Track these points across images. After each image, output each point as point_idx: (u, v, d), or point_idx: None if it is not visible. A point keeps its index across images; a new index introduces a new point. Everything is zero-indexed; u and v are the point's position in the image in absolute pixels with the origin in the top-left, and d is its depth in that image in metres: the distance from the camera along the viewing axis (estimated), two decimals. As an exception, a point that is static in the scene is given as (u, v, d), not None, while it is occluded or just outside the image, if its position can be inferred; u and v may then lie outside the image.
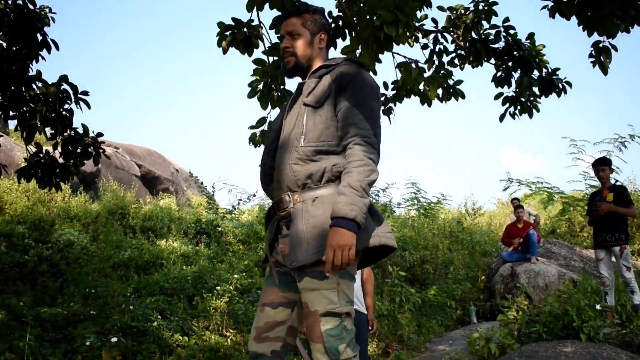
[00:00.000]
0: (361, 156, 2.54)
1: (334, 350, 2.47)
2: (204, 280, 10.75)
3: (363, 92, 2.71)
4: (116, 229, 15.14)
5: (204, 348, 7.61)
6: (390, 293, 9.71)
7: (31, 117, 7.10)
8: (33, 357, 7.23)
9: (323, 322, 2.51)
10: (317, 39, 2.95)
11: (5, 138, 18.04)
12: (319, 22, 2.97)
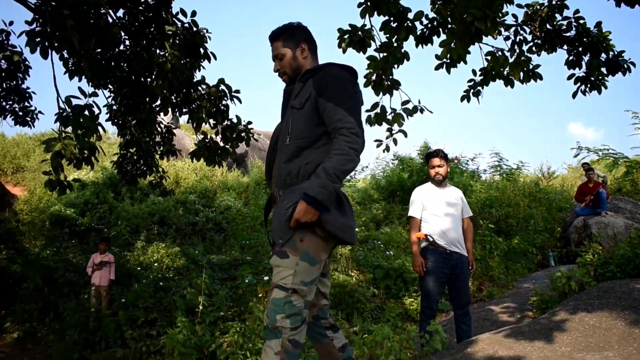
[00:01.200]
0: (343, 146, 2.38)
1: (273, 317, 2.34)
2: (332, 233, 10.95)
3: (342, 91, 2.50)
4: (262, 196, 15.67)
5: (334, 285, 7.81)
6: (481, 242, 9.54)
7: (198, 111, 7.48)
8: (207, 291, 7.68)
9: (274, 292, 2.40)
10: (298, 52, 2.72)
11: (178, 130, 19.00)
12: (296, 37, 2.74)
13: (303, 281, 2.40)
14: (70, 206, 13.22)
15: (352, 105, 2.49)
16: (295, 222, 2.38)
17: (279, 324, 2.33)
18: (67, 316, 8.02)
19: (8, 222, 12.73)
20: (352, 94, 2.54)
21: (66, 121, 5.75)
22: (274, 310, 2.35)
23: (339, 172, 2.36)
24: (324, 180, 2.35)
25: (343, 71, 2.60)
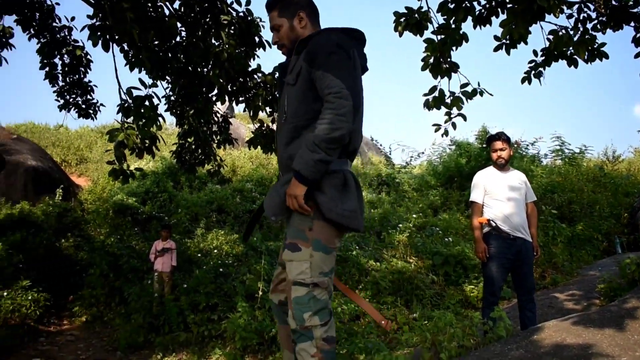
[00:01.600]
0: (326, 114, 2.20)
1: (300, 317, 2.21)
2: (388, 220, 10.93)
3: (329, 57, 2.29)
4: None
5: (393, 271, 7.79)
6: (544, 228, 9.30)
7: (255, 100, 7.55)
8: (267, 277, 7.79)
9: (294, 290, 2.26)
10: (296, 22, 2.54)
11: (233, 119, 19.26)
12: (292, 5, 2.55)
13: (322, 272, 2.29)
14: (132, 195, 13.64)
15: (341, 68, 2.29)
16: (289, 200, 2.26)
17: (308, 324, 2.21)
18: (132, 301, 8.32)
19: (74, 211, 13.27)
20: (342, 58, 2.32)
21: (128, 112, 5.93)
22: (299, 309, 2.23)
23: (319, 140, 2.18)
24: (303, 150, 2.22)
25: (333, 35, 2.39)
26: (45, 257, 10.02)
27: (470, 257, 8.16)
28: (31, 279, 8.78)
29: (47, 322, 8.58)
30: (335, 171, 2.31)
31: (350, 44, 2.42)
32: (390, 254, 8.76)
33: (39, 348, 7.34)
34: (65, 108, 9.06)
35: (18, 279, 8.58)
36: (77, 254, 10.58)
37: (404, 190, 14.49)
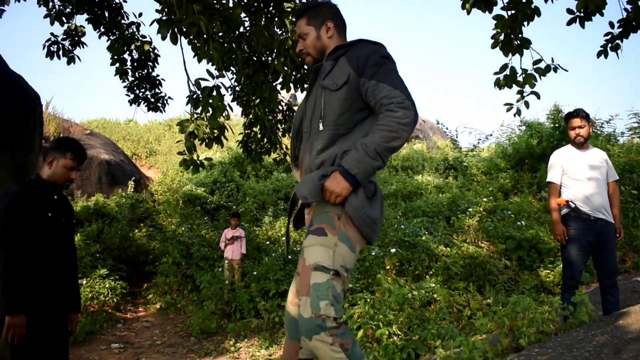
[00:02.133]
0: (389, 121, 2.14)
1: (316, 304, 2.09)
2: (457, 204, 10.74)
3: (382, 67, 2.26)
4: (381, 170, 15.66)
5: (464, 256, 7.66)
6: (623, 209, 8.88)
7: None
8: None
9: (313, 276, 2.14)
10: (323, 31, 2.48)
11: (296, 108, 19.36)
12: (320, 14, 2.50)
13: (344, 266, 2.20)
14: (201, 185, 14.00)
15: (395, 79, 2.25)
16: (328, 195, 2.20)
17: (323, 312, 2.09)
18: (203, 288, 8.55)
19: (145, 202, 13.76)
20: (393, 68, 2.31)
21: (196, 103, 6.05)
22: (317, 297, 2.11)
23: (381, 148, 2.15)
24: (361, 154, 2.16)
25: (374, 46, 2.37)
26: (120, 247, 10.44)
27: (545, 240, 7.91)
28: (108, 267, 9.17)
29: (124, 309, 8.94)
30: (370, 179, 2.29)
31: (391, 56, 2.39)
32: (460, 239, 8.60)
33: (117, 333, 7.67)
34: (135, 102, 9.36)
35: (96, 267, 8.98)
36: (150, 244, 10.96)
37: (472, 174, 14.19)
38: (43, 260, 2.95)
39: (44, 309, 2.94)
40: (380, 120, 2.18)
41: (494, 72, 5.86)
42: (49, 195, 3.07)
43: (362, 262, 8.29)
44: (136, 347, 7.04)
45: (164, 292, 9.34)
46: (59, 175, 3.08)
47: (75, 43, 8.22)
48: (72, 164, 3.10)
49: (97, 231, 10.69)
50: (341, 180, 2.17)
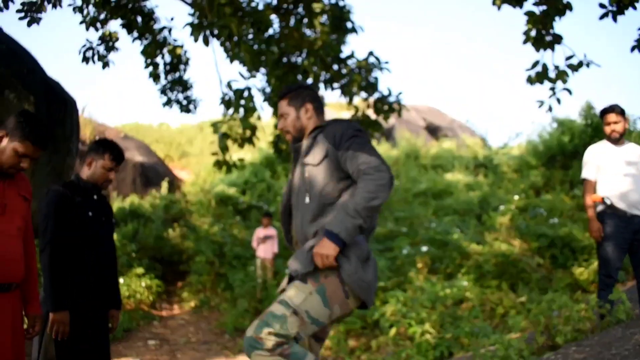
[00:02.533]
0: (368, 184, 2.28)
1: (260, 329, 2.20)
2: (488, 202, 10.64)
3: (357, 139, 2.41)
4: (413, 168, 15.58)
5: (496, 254, 7.57)
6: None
7: (350, 85, 7.56)
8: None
9: (273, 306, 2.29)
10: (302, 112, 2.62)
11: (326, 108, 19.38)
12: (301, 97, 2.64)
13: (308, 312, 2.28)
14: (232, 185, 14.12)
15: (369, 148, 2.41)
16: (317, 259, 2.28)
17: (263, 337, 2.19)
18: (236, 287, 8.62)
19: (179, 203, 13.93)
20: (366, 140, 2.47)
21: (229, 104, 6.12)
22: (265, 322, 2.22)
23: (360, 207, 2.27)
24: (342, 215, 2.29)
25: (350, 123, 2.55)
26: (155, 247, 10.60)
27: (579, 238, 7.77)
28: (144, 266, 9.31)
29: (159, 307, 9.07)
30: (360, 243, 2.42)
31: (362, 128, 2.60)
32: (492, 237, 8.51)
33: (153, 331, 7.79)
34: (168, 104, 9.50)
35: (132, 267, 9.13)
36: (184, 243, 11.09)
37: (502, 172, 14.03)
38: (84, 258, 3.01)
39: (86, 306, 3.00)
40: (359, 183, 2.33)
41: (525, 69, 5.78)
42: (89, 195, 3.13)
43: (394, 261, 8.27)
44: (172, 344, 7.14)
45: (197, 291, 9.45)
46: (98, 176, 3.14)
47: (109, 48, 8.36)
48: (111, 164, 3.15)
49: (133, 231, 10.85)
50: (327, 242, 2.28)
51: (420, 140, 18.64)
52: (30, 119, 2.47)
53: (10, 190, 2.51)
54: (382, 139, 19.29)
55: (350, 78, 7.59)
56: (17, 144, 2.42)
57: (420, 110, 24.27)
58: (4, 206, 2.44)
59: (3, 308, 2.43)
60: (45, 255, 2.87)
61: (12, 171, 2.47)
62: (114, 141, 3.30)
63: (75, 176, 3.20)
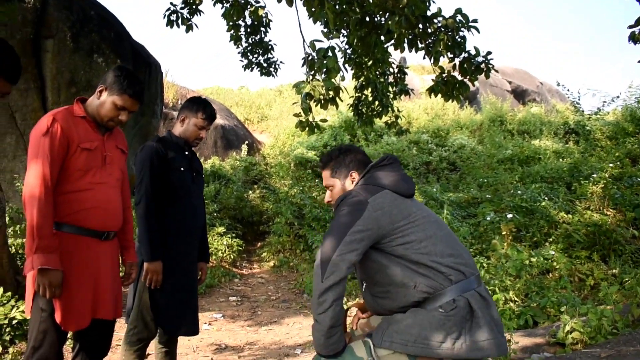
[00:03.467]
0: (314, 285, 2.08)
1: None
2: (579, 170, 10.19)
3: (335, 218, 2.14)
4: (498, 133, 15.15)
5: (587, 223, 7.28)
6: None
7: (435, 45, 7.35)
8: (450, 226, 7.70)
9: (356, 342, 2.14)
10: (348, 182, 2.38)
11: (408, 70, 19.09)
12: (344, 164, 2.39)
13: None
14: (311, 149, 14.24)
15: (335, 235, 2.08)
16: None
17: None
18: (315, 248, 8.75)
19: (259, 165, 14.22)
20: (347, 214, 2.11)
21: (312, 64, 6.11)
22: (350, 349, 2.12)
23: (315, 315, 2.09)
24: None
25: (357, 192, 2.19)
26: (235, 207, 10.91)
27: (680, 210, 7.34)
28: (225, 226, 9.62)
29: (240, 266, 9.37)
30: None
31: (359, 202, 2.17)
32: (583, 206, 8.17)
33: (234, 288, 8.07)
34: (248, 67, 9.62)
35: (214, 226, 9.45)
36: (264, 205, 11.35)
37: (595, 139, 13.36)
38: (177, 210, 3.14)
39: (178, 257, 3.14)
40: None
41: (628, 25, 5.43)
42: (181, 150, 3.24)
43: (477, 227, 8.12)
44: (252, 301, 7.38)
45: (277, 251, 9.67)
46: (190, 133, 3.24)
47: (192, 11, 8.54)
48: (203, 123, 3.25)
49: (215, 192, 11.21)
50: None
51: (506, 105, 18.03)
52: (127, 73, 2.57)
53: (109, 143, 2.64)
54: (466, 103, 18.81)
55: (436, 37, 7.37)
56: (116, 97, 2.53)
57: (506, 73, 23.40)
58: (105, 158, 2.58)
59: (104, 255, 2.59)
60: (140, 207, 3.02)
61: (111, 124, 2.59)
62: (208, 100, 3.39)
63: (167, 132, 3.32)
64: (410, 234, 2.08)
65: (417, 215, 2.13)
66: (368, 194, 2.14)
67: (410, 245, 2.06)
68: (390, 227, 2.07)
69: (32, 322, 2.45)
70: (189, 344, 5.37)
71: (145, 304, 3.04)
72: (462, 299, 2.01)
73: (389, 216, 2.08)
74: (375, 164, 2.34)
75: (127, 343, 3.10)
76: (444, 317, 1.97)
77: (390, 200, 2.13)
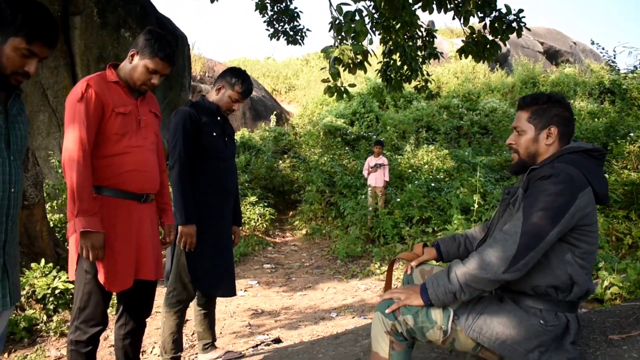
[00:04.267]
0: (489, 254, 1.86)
1: (405, 312, 2.00)
2: (615, 130, 9.96)
3: (539, 196, 1.84)
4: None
5: (624, 183, 7.14)
6: None
7: (465, 5, 7.20)
8: (482, 190, 7.65)
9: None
10: (543, 135, 2.06)
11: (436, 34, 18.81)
12: (549, 113, 2.07)
13: (455, 341, 2.02)
14: (340, 117, 14.19)
15: (544, 218, 1.82)
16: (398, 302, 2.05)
17: (399, 318, 2.01)
18: (347, 214, 8.78)
19: (288, 135, 14.25)
20: (555, 201, 1.83)
21: (339, 28, 6.04)
22: (415, 311, 2.02)
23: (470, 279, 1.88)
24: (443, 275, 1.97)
25: (569, 166, 1.91)
26: (266, 177, 10.99)
27: None
28: (257, 195, 9.70)
29: (273, 234, 9.47)
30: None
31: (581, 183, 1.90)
32: (620, 165, 8.00)
33: (268, 256, 8.17)
34: (275, 36, 9.55)
35: (246, 195, 9.55)
36: (294, 174, 11.41)
37: (632, 98, 13.01)
38: (210, 173, 3.17)
39: (212, 220, 3.18)
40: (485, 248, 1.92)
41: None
42: (214, 115, 3.26)
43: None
44: (286, 268, 7.47)
45: (309, 219, 9.74)
46: (223, 103, 3.25)
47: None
48: (238, 97, 3.25)
49: (245, 162, 11.30)
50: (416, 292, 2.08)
51: (538, 66, 17.63)
52: (158, 36, 2.57)
53: (143, 108, 2.66)
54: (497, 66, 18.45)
55: (467, -3, 7.22)
56: (148, 61, 2.54)
57: (538, 34, 22.82)
58: (139, 122, 2.60)
59: (143, 217, 2.63)
60: (174, 171, 3.05)
61: (144, 88, 2.61)
62: (247, 74, 3.37)
63: (201, 97, 3.33)
64: (583, 241, 1.90)
65: (596, 226, 1.94)
66: (578, 185, 1.87)
67: (576, 251, 1.91)
68: (576, 226, 1.89)
69: (77, 284, 2.52)
70: (227, 310, 5.48)
71: (183, 266, 3.10)
72: (563, 317, 1.91)
73: (583, 217, 1.88)
74: (585, 149, 2.04)
75: (167, 305, 3.17)
76: (542, 330, 1.88)
77: (591, 201, 1.90)
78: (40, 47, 1.92)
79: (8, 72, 1.87)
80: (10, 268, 1.94)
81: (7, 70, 1.86)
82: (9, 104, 1.93)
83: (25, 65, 1.89)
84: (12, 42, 1.85)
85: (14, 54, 1.85)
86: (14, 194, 1.90)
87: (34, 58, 1.91)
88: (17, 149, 1.95)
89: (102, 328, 2.55)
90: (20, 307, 5.10)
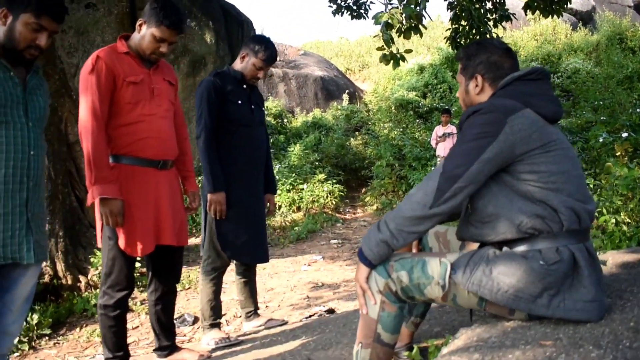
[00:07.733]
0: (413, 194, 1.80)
1: (400, 265, 1.86)
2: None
3: (466, 131, 1.78)
4: (617, 52, 13.92)
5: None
6: None
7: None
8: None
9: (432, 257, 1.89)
10: (472, 85, 1.99)
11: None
12: (473, 62, 1.98)
13: (456, 297, 1.86)
14: (412, 90, 13.93)
15: (467, 149, 1.76)
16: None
17: (393, 275, 1.86)
18: (419, 187, 8.63)
19: (360, 112, 14.17)
20: (479, 135, 1.75)
21: (389, -10, 5.89)
22: (410, 265, 1.88)
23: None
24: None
25: (500, 98, 1.85)
26: (337, 155, 10.99)
27: None
28: (326, 173, 9.72)
29: (343, 211, 9.46)
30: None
31: (512, 118, 1.77)
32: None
33: (336, 231, 8.18)
34: (338, 12, 9.42)
35: (315, 174, 9.59)
36: (366, 150, 11.33)
37: None
38: (237, 142, 3.19)
39: (241, 187, 3.20)
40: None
41: None
42: (239, 84, 3.26)
43: (590, 152, 7.59)
44: (353, 243, 7.44)
45: (380, 194, 9.65)
46: (248, 71, 3.25)
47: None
48: (261, 64, 3.23)
49: (315, 141, 11.34)
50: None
51: (626, 21, 16.46)
52: (163, 4, 2.60)
53: (156, 77, 2.71)
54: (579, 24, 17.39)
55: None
56: (154, 29, 2.58)
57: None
58: (152, 90, 2.65)
59: (162, 184, 2.69)
60: (200, 140, 3.09)
61: (154, 57, 2.65)
62: (270, 41, 3.33)
63: (227, 67, 3.35)
64: (541, 163, 1.75)
65: (556, 145, 1.78)
66: (506, 111, 1.78)
67: (537, 177, 1.76)
68: (523, 152, 1.76)
69: (103, 251, 2.63)
70: (287, 284, 5.54)
71: (214, 234, 3.14)
72: (566, 250, 1.73)
73: (526, 141, 1.75)
74: (519, 76, 1.92)
75: (203, 273, 3.23)
76: (544, 271, 1.70)
77: (531, 122, 1.77)
78: (48, 20, 2.12)
79: (22, 47, 2.09)
80: (35, 227, 2.14)
81: (20, 44, 2.09)
82: (27, 78, 2.17)
83: (36, 39, 2.11)
84: (23, 18, 2.07)
85: (25, 29, 2.07)
86: (33, 156, 2.13)
87: (44, 32, 2.13)
88: (36, 117, 2.17)
89: (129, 292, 2.65)
90: (94, 285, 5.40)
